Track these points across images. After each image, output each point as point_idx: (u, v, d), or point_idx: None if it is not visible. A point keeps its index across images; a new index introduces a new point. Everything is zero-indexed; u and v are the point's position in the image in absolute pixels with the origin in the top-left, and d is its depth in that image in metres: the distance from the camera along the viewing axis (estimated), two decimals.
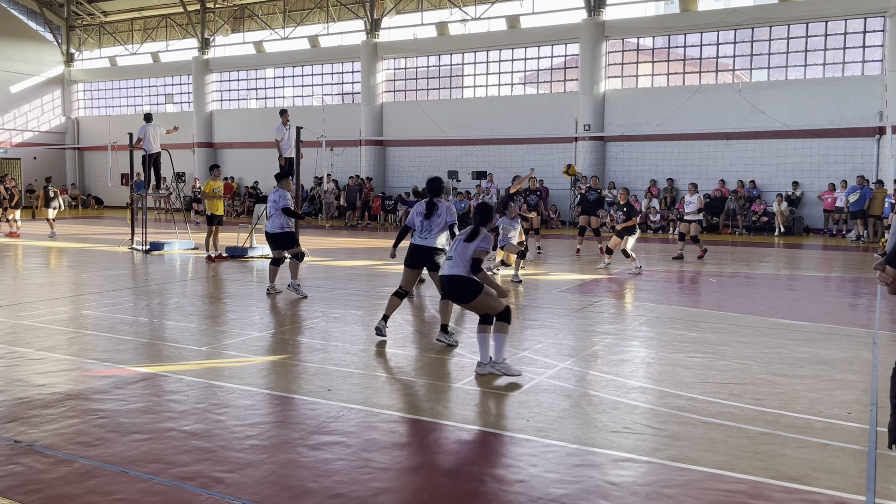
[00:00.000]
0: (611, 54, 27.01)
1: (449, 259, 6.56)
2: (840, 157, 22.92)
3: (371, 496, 4.02)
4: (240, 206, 32.52)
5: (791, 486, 4.15)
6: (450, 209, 8.16)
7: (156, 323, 8.86)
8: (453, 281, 6.45)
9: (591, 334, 8.28)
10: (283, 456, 4.57)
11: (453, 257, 6.51)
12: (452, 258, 6.51)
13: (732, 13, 24.85)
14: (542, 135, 26.42)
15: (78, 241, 19.96)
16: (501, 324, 6.36)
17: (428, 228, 8.03)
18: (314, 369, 6.66)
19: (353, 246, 19.84)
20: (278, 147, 15.42)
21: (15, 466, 4.40)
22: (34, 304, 9.89)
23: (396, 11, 31.31)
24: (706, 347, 7.58)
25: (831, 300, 11.36)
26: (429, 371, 6.63)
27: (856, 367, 6.79)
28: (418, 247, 8.05)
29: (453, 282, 6.45)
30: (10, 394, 5.81)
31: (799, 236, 22.60)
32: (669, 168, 24.83)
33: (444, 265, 6.64)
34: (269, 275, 10.96)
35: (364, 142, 30.68)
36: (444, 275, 6.56)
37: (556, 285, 12.14)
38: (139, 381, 6.20)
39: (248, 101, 36.17)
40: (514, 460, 4.55)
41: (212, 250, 15.40)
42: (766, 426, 5.14)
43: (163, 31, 38.02)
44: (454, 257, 6.49)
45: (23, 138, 38.43)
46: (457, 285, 6.43)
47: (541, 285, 12.11)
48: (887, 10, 22.39)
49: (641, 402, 5.76)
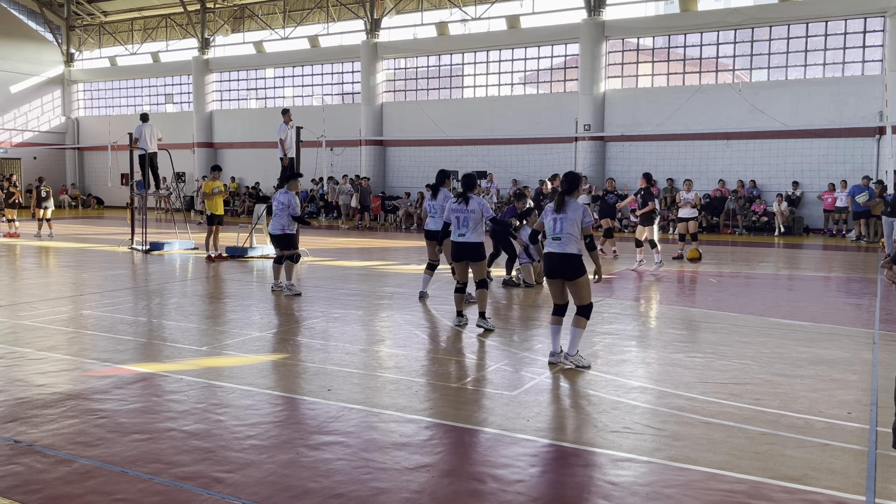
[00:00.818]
0: (611, 54, 27.00)
1: (557, 239, 6.71)
2: (840, 157, 22.92)
3: (371, 496, 4.02)
4: (240, 206, 32.54)
5: (791, 486, 4.15)
6: (482, 204, 8.64)
7: (156, 323, 8.86)
8: (565, 259, 6.66)
9: (592, 334, 8.27)
10: (283, 456, 4.57)
11: (561, 238, 6.68)
12: (561, 238, 6.68)
13: (732, 13, 24.85)
14: (542, 135, 26.42)
15: (78, 241, 19.96)
16: (580, 318, 6.66)
17: (465, 224, 8.53)
18: (314, 369, 6.66)
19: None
20: (282, 146, 15.43)
21: (15, 466, 4.40)
22: (34, 304, 9.89)
23: (396, 11, 31.31)
24: (706, 347, 7.58)
25: (831, 300, 11.36)
26: (429, 371, 6.63)
27: (856, 367, 6.79)
28: (459, 244, 8.59)
29: (565, 259, 6.66)
30: (10, 394, 5.81)
31: (799, 236, 22.60)
32: (669, 168, 24.82)
33: (551, 245, 6.78)
34: (273, 272, 11.34)
35: (364, 142, 30.68)
36: (555, 253, 6.72)
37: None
38: (139, 381, 6.20)
39: (248, 101, 36.17)
40: (514, 460, 4.55)
41: (212, 250, 15.41)
42: (766, 426, 5.14)
43: (163, 31, 38.01)
44: (562, 238, 6.67)
45: (23, 138, 38.42)
46: (568, 263, 6.65)
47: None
48: (887, 10, 22.39)
49: (641, 402, 5.76)
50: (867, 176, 21.32)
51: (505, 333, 8.41)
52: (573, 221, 6.70)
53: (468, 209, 8.52)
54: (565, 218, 6.72)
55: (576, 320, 6.66)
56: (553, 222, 6.80)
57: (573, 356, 6.66)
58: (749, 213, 23.74)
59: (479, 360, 7.25)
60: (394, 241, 21.52)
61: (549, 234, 6.86)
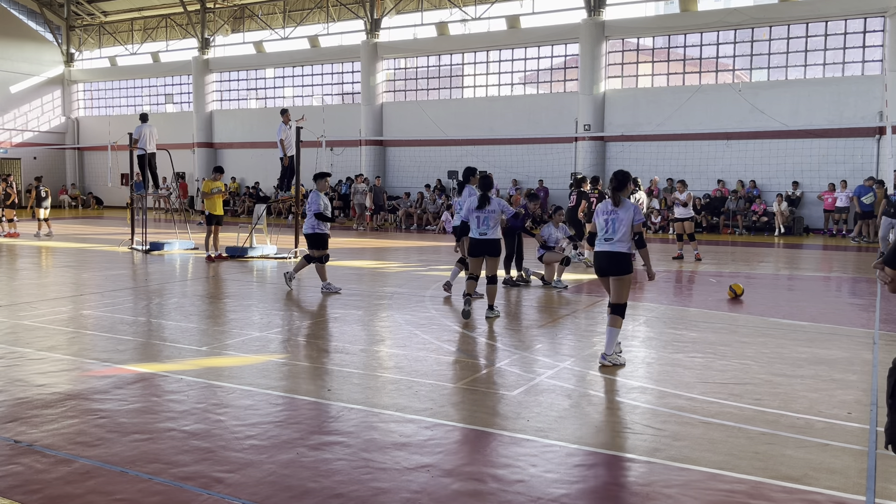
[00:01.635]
0: (611, 54, 27.00)
1: (608, 240, 6.89)
2: (840, 157, 22.92)
3: (371, 496, 4.02)
4: (240, 206, 32.54)
5: (791, 486, 4.15)
6: (502, 203, 9.31)
7: (156, 323, 8.86)
8: (616, 257, 6.85)
9: (591, 334, 8.27)
10: (283, 456, 4.57)
11: (612, 238, 6.86)
12: (612, 238, 6.86)
13: (732, 13, 24.84)
14: (542, 135, 26.41)
15: (78, 241, 19.96)
16: (616, 317, 6.81)
17: (486, 223, 9.10)
18: (314, 369, 6.66)
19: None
20: (282, 146, 15.43)
21: (15, 466, 4.40)
22: (34, 304, 9.89)
23: (396, 11, 31.31)
24: (706, 347, 7.58)
25: (831, 300, 11.36)
26: (429, 371, 6.63)
27: (856, 367, 6.79)
28: (480, 240, 9.14)
29: (615, 257, 6.85)
30: (10, 394, 5.81)
31: (799, 236, 22.60)
32: (669, 168, 24.81)
33: (602, 244, 6.95)
34: (318, 273, 11.25)
35: (364, 142, 30.67)
36: (607, 251, 6.90)
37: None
38: (139, 381, 6.20)
39: (248, 101, 36.16)
40: (514, 460, 4.55)
41: (211, 250, 15.41)
42: (766, 426, 5.14)
43: (163, 31, 38.01)
44: (613, 238, 6.86)
45: (23, 138, 38.42)
46: (618, 260, 6.84)
47: (542, 285, 12.09)
48: (887, 10, 22.39)
49: (641, 402, 5.76)
50: (872, 177, 21.29)
51: (505, 333, 8.41)
52: (625, 220, 6.81)
53: (489, 209, 9.09)
54: (617, 218, 6.85)
55: (612, 320, 6.81)
56: (605, 222, 6.92)
57: (610, 355, 6.77)
58: (749, 213, 23.74)
59: (479, 360, 7.25)
60: (396, 241, 21.51)
61: (600, 233, 6.98)
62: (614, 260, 6.84)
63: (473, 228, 9.17)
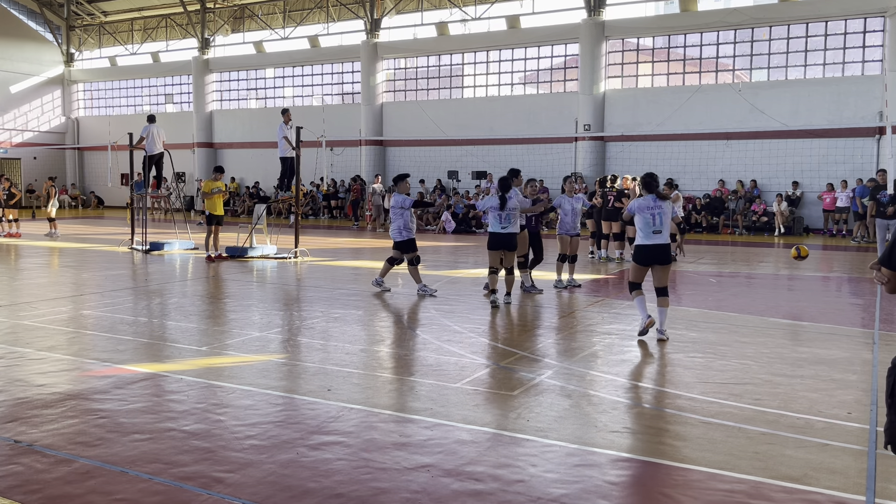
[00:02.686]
0: (611, 54, 27.00)
1: (657, 233, 7.82)
2: (840, 157, 22.91)
3: (371, 496, 4.02)
4: (240, 206, 32.53)
5: (791, 486, 4.15)
6: (519, 196, 10.05)
7: (156, 323, 8.86)
8: (666, 248, 7.86)
9: (591, 334, 8.28)
10: (283, 456, 4.57)
11: (661, 230, 7.81)
12: (661, 231, 7.82)
13: (732, 13, 24.85)
14: (542, 135, 26.41)
15: (78, 241, 19.96)
16: (665, 298, 7.87)
17: (507, 219, 9.86)
18: (314, 369, 6.66)
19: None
20: (288, 143, 15.43)
21: (15, 466, 4.40)
22: (34, 304, 9.89)
23: (396, 11, 31.31)
24: (706, 347, 7.58)
25: (831, 300, 11.36)
26: (429, 371, 6.63)
27: (856, 367, 6.79)
28: (500, 234, 9.87)
29: (666, 249, 7.86)
30: (10, 394, 5.81)
31: (799, 236, 22.59)
32: (669, 168, 24.79)
33: (651, 237, 7.84)
34: (412, 276, 11.20)
35: (364, 142, 30.68)
36: (658, 244, 7.83)
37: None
38: (139, 381, 6.20)
39: (248, 101, 36.17)
40: (514, 460, 4.55)
41: (211, 250, 15.41)
42: (766, 426, 5.14)
43: (163, 31, 38.01)
44: (661, 230, 7.81)
45: (23, 138, 38.42)
46: (666, 251, 7.87)
47: (541, 286, 12.08)
48: (887, 10, 22.39)
49: (641, 402, 5.76)
50: (873, 178, 21.26)
51: (506, 333, 8.41)
52: (669, 214, 7.85)
53: (509, 206, 9.85)
54: (662, 212, 7.81)
55: (662, 301, 7.85)
56: (652, 217, 7.81)
57: (665, 331, 7.85)
58: (749, 213, 23.74)
59: (480, 360, 7.25)
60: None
61: (647, 227, 7.83)
62: (664, 251, 7.84)
63: (494, 223, 9.89)
